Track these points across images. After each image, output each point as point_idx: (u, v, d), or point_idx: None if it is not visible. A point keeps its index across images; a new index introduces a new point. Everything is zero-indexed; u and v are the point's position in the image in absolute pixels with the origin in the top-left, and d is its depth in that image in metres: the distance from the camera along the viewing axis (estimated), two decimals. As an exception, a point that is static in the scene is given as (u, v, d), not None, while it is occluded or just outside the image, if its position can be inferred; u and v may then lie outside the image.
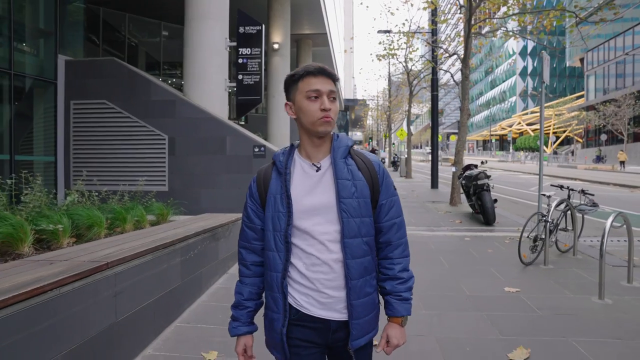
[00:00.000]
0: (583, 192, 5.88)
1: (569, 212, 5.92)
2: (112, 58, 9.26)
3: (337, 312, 1.46)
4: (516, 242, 5.72)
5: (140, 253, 3.09)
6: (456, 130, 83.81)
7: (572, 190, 5.95)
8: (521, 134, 70.75)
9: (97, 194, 4.88)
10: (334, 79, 1.47)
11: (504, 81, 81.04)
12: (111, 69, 8.86)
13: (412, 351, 3.11)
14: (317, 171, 1.48)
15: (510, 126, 70.91)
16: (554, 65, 71.27)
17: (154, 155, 8.57)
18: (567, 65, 62.23)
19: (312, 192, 1.46)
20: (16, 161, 7.98)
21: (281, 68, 17.15)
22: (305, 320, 1.47)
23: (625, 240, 6.93)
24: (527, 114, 68.21)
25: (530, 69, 72.75)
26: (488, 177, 8.37)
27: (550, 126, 59.74)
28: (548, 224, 5.38)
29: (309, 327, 1.48)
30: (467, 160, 12.45)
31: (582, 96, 53.90)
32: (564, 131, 58.54)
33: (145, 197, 5.86)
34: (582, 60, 51.54)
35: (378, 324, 1.56)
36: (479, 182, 8.24)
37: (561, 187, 6.12)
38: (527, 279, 4.97)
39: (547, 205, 5.73)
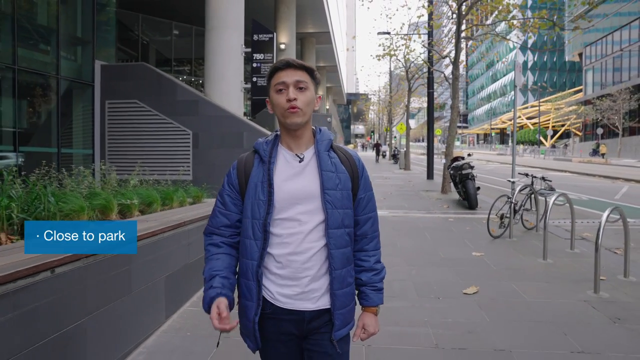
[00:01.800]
0: (543, 178, 7.10)
1: (533, 195, 7.14)
2: (142, 63, 10.49)
3: (310, 302, 1.48)
4: (493, 222, 6.93)
5: (200, 218, 4.33)
6: (458, 124, 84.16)
7: (535, 177, 7.17)
8: (521, 127, 71.68)
9: (154, 181, 6.12)
10: (303, 69, 1.49)
11: (504, 75, 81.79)
12: (141, 72, 10.08)
13: (394, 289, 4.35)
14: (300, 162, 1.51)
15: (510, 120, 71.84)
16: (555, 59, 72.09)
17: (180, 148, 9.79)
18: (567, 59, 63.05)
19: (294, 180, 1.48)
20: (61, 153, 9.24)
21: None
22: (280, 313, 1.48)
23: (588, 222, 8.18)
24: (527, 107, 69.10)
25: (530, 63, 73.52)
26: (472, 167, 9.57)
27: (549, 120, 60.79)
28: (512, 204, 6.60)
29: (284, 320, 1.49)
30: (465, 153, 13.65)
31: (580, 90, 54.78)
32: (563, 125, 59.49)
33: (184, 182, 7.10)
34: (580, 55, 52.39)
35: (354, 317, 1.59)
36: (464, 172, 9.45)
37: (526, 174, 7.33)
38: (492, 247, 6.21)
39: (512, 190, 6.95)
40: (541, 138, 58.31)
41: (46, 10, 9.31)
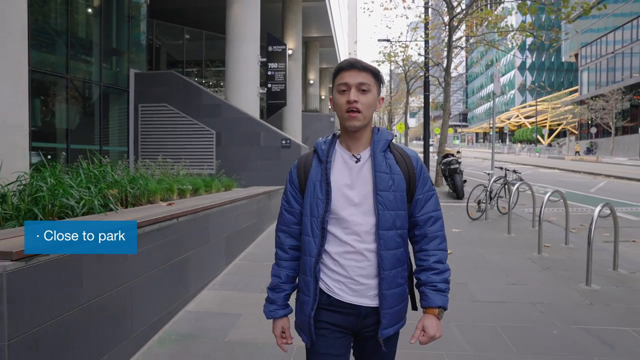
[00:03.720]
0: (514, 171, 8.53)
1: (506, 185, 8.56)
2: (171, 71, 11.92)
3: (367, 299, 1.53)
4: (472, 208, 8.35)
5: (242, 198, 5.77)
6: (458, 123, 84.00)
7: (507, 170, 8.59)
8: (519, 126, 73.01)
9: (196, 173, 7.56)
10: (368, 70, 1.52)
11: (503, 75, 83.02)
12: (170, 79, 11.50)
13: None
14: (356, 162, 1.53)
15: (509, 119, 73.20)
16: (553, 59, 73.33)
17: (205, 146, 11.22)
18: (563, 60, 64.35)
19: (352, 183, 1.52)
20: (102, 150, 10.67)
21: (294, 70, 19.72)
22: (336, 305, 1.54)
23: (556, 209, 9.59)
24: (525, 107, 70.39)
25: (528, 63, 74.82)
26: (459, 163, 10.99)
27: (546, 119, 62.14)
28: (488, 192, 8.03)
29: (338, 312, 1.54)
30: (465, 151, 15.13)
31: (576, 90, 56.02)
32: (559, 124, 60.84)
33: (218, 174, 8.54)
34: (576, 55, 53.65)
35: (406, 316, 1.61)
36: (452, 167, 10.87)
37: (501, 168, 8.75)
38: (469, 226, 7.64)
39: (488, 180, 8.38)
40: (538, 137, 59.68)
41: (91, 27, 10.73)
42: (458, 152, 11.97)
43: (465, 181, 11.10)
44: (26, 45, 3.82)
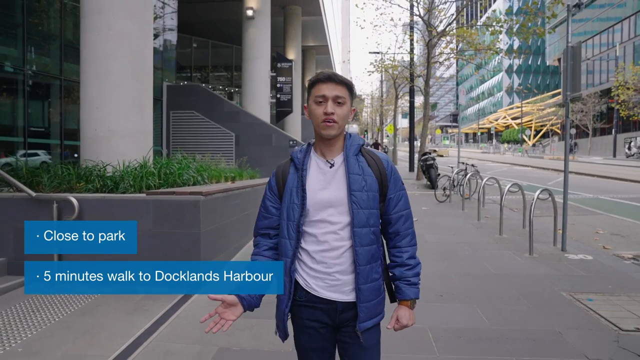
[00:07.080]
0: (473, 165, 11.01)
1: (467, 176, 11.05)
2: (198, 84, 14.29)
3: (343, 294, 1.65)
4: (440, 194, 10.82)
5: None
6: (449, 123, 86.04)
7: (467, 164, 11.07)
8: (507, 127, 75.87)
9: (232, 167, 9.95)
10: (343, 84, 1.62)
11: (492, 77, 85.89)
12: (196, 90, 13.87)
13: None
14: (330, 167, 1.67)
15: (497, 120, 76.04)
16: (539, 62, 76.29)
17: (226, 146, 13.58)
18: (548, 64, 67.25)
19: (327, 187, 1.65)
20: (142, 149, 13.01)
21: (294, 78, 22.08)
22: (314, 301, 1.66)
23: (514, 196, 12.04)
24: (512, 108, 73.24)
25: (515, 66, 77.74)
26: (434, 159, 13.47)
27: (531, 120, 65.03)
28: (451, 180, 10.50)
29: (318, 308, 1.66)
30: (452, 151, 17.55)
31: (559, 93, 58.66)
32: (543, 125, 63.72)
33: (244, 167, 10.95)
34: (559, 60, 56.42)
35: (384, 310, 1.71)
36: (428, 162, 13.35)
37: (463, 162, 11.24)
38: (435, 206, 10.12)
39: (452, 172, 10.87)
40: (524, 137, 62.52)
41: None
42: (434, 150, 14.45)
43: (439, 174, 13.56)
44: (152, 76, 6.17)
